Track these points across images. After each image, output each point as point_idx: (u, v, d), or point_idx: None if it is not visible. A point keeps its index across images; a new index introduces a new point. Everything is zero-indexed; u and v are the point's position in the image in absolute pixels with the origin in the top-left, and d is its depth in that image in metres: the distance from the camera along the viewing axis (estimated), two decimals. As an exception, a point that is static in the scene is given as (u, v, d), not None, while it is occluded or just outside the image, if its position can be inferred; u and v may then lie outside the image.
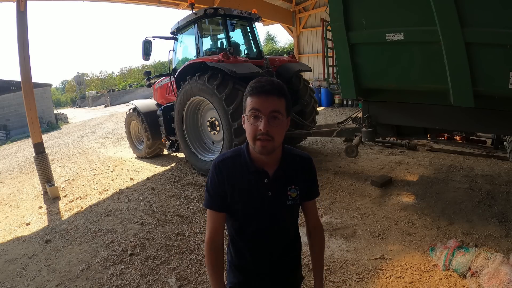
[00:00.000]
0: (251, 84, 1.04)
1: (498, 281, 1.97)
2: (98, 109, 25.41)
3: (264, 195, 1.10)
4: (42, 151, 5.11)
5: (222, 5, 7.19)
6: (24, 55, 4.78)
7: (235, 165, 1.12)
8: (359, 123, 4.04)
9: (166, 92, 6.25)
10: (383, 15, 2.81)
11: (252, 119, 1.01)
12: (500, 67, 2.34)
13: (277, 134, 1.02)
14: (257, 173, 1.11)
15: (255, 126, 1.01)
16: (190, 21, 5.19)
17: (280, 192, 1.12)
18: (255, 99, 1.01)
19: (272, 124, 1.00)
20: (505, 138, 3.94)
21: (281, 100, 1.03)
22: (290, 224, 1.22)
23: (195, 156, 5.13)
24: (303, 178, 1.17)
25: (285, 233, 1.21)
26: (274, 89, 1.01)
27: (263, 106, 1.00)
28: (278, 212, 1.14)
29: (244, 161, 1.11)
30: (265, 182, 1.10)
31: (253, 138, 1.02)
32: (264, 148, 1.02)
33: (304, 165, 1.18)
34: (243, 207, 1.12)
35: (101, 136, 10.72)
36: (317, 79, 12.57)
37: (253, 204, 1.11)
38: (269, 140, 1.01)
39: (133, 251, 3.02)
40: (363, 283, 2.31)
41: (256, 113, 1.00)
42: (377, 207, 3.48)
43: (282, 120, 1.03)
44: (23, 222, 4.06)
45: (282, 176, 1.12)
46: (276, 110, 1.01)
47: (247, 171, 1.11)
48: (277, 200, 1.12)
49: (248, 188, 1.11)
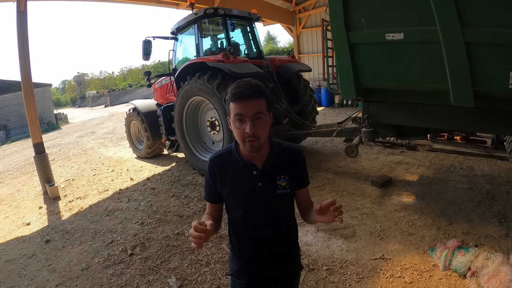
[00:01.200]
0: (231, 90, 1.10)
1: (498, 281, 1.97)
2: (98, 109, 25.41)
3: (254, 186, 1.19)
4: (42, 151, 5.11)
5: (222, 5, 7.19)
6: (24, 55, 4.78)
7: (226, 161, 1.23)
8: (359, 123, 4.04)
9: (166, 92, 6.25)
10: (383, 15, 2.81)
11: (238, 123, 1.10)
12: (500, 67, 2.34)
13: (262, 132, 1.12)
14: (247, 167, 1.20)
15: (242, 129, 1.09)
16: (190, 21, 5.18)
17: (269, 182, 1.21)
18: (237, 104, 1.08)
19: (257, 125, 1.09)
20: (505, 138, 3.94)
21: (261, 101, 1.10)
22: (284, 211, 1.29)
23: (195, 156, 5.13)
24: (292, 167, 1.25)
25: (280, 220, 1.28)
26: (253, 92, 1.08)
27: (245, 110, 1.07)
28: (270, 201, 1.22)
29: (234, 157, 1.22)
30: (254, 174, 1.20)
31: (242, 140, 1.12)
32: (253, 147, 1.12)
33: (293, 155, 1.26)
34: (237, 199, 1.23)
35: (101, 136, 10.72)
36: (317, 79, 12.57)
37: (245, 195, 1.21)
38: (256, 140, 1.10)
39: (133, 251, 3.02)
40: (363, 283, 2.31)
41: (240, 117, 1.08)
42: (377, 207, 3.48)
43: (265, 119, 1.11)
44: (23, 222, 4.06)
45: (270, 167, 1.21)
46: (259, 111, 1.09)
47: (238, 166, 1.21)
48: (268, 190, 1.20)
49: (239, 181, 1.21)
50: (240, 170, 1.21)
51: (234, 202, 1.25)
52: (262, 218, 1.23)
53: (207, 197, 1.29)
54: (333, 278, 2.39)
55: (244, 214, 1.23)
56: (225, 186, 1.22)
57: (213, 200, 1.28)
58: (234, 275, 1.33)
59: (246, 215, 1.24)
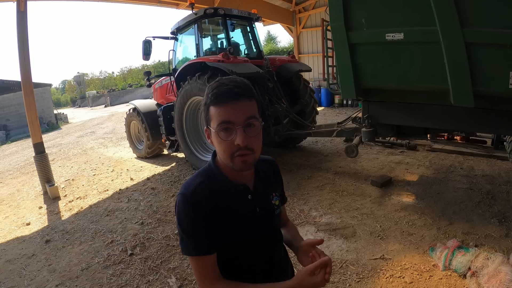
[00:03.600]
0: (212, 90, 0.84)
1: (498, 281, 1.97)
2: (98, 109, 25.40)
3: (253, 213, 0.95)
4: (42, 151, 5.11)
5: (222, 5, 7.19)
6: (24, 55, 4.78)
7: (211, 190, 0.91)
8: (359, 123, 4.04)
9: (166, 92, 6.25)
10: (383, 15, 2.81)
11: (223, 133, 0.83)
12: (500, 67, 2.34)
13: (257, 144, 0.87)
14: (239, 192, 0.94)
15: (229, 141, 0.83)
16: (190, 21, 5.19)
17: (266, 204, 1.00)
18: (222, 108, 0.82)
19: (250, 134, 0.84)
20: (505, 138, 3.94)
21: (252, 102, 0.86)
22: (281, 234, 1.11)
23: (195, 156, 5.13)
24: (277, 182, 1.09)
25: (280, 243, 1.10)
26: (243, 91, 0.84)
27: (234, 116, 0.82)
28: (270, 226, 1.01)
29: (220, 182, 0.93)
30: (249, 199, 0.95)
31: (230, 156, 0.85)
32: (245, 163, 0.85)
33: (274, 169, 1.11)
34: (236, 235, 0.93)
35: (101, 136, 10.72)
36: (317, 79, 12.56)
37: (246, 227, 0.95)
38: (249, 154, 0.85)
39: (133, 251, 3.02)
40: (363, 283, 2.31)
41: (227, 125, 0.82)
42: (377, 207, 3.48)
43: (258, 126, 0.87)
44: (23, 222, 4.06)
45: (261, 186, 1.00)
46: (251, 115, 0.84)
47: (227, 193, 0.92)
48: (267, 214, 0.99)
49: (236, 212, 0.93)
50: (230, 197, 0.92)
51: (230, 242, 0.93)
52: (266, 249, 1.01)
53: (198, 248, 0.88)
54: (333, 278, 2.39)
55: (244, 251, 0.96)
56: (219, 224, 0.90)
57: (210, 250, 0.89)
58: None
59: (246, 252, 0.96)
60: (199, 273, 0.90)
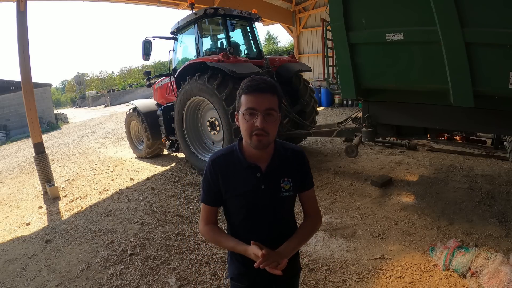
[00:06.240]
0: (246, 83, 1.09)
1: (498, 281, 1.97)
2: (98, 109, 25.41)
3: (258, 188, 1.16)
4: (42, 151, 5.11)
5: (222, 5, 7.19)
6: (24, 55, 4.78)
7: (228, 162, 1.19)
8: (359, 123, 4.04)
9: (166, 92, 6.25)
10: (383, 15, 2.81)
11: (248, 116, 1.07)
12: (500, 67, 2.34)
13: (272, 129, 1.10)
14: (250, 168, 1.17)
15: (251, 122, 1.07)
16: (190, 21, 5.18)
17: (273, 185, 1.18)
18: (250, 97, 1.07)
19: (267, 121, 1.07)
20: (505, 138, 3.94)
21: (274, 98, 1.09)
22: (286, 214, 1.28)
23: (195, 156, 5.13)
24: (296, 170, 1.23)
25: (282, 223, 1.26)
26: (268, 87, 1.08)
27: (258, 104, 1.06)
28: (272, 204, 1.19)
29: (237, 158, 1.18)
30: (258, 176, 1.16)
31: (249, 134, 1.08)
32: (260, 142, 1.08)
33: (297, 158, 1.24)
34: (239, 201, 1.19)
35: (101, 136, 10.72)
36: (317, 79, 12.57)
37: (248, 198, 1.17)
38: (264, 135, 1.08)
39: (133, 251, 3.02)
40: (363, 283, 2.31)
41: (252, 111, 1.06)
42: (377, 207, 3.48)
43: (276, 116, 1.10)
44: (23, 222, 4.06)
45: (274, 169, 1.18)
46: (271, 107, 1.07)
47: (241, 167, 1.17)
48: (271, 193, 1.18)
49: (242, 183, 1.17)
50: (243, 171, 1.17)
51: (235, 205, 1.21)
52: (264, 222, 1.20)
53: (207, 199, 1.23)
54: (333, 278, 2.39)
55: (245, 217, 1.20)
56: (227, 188, 1.18)
57: (213, 203, 1.23)
58: (234, 279, 1.29)
59: (247, 219, 1.20)
60: (202, 215, 1.26)
